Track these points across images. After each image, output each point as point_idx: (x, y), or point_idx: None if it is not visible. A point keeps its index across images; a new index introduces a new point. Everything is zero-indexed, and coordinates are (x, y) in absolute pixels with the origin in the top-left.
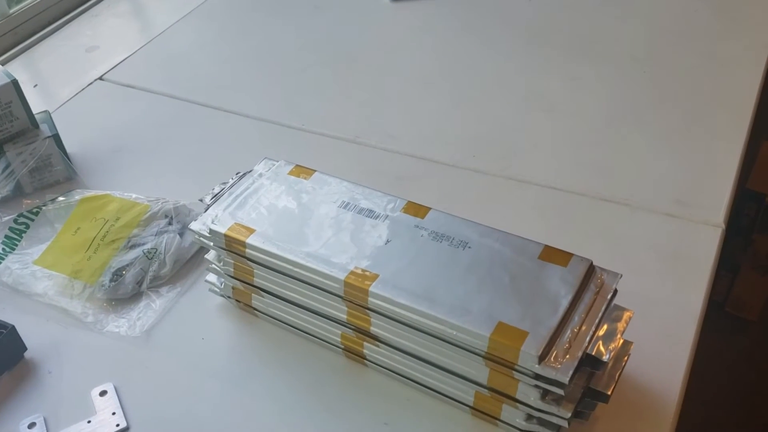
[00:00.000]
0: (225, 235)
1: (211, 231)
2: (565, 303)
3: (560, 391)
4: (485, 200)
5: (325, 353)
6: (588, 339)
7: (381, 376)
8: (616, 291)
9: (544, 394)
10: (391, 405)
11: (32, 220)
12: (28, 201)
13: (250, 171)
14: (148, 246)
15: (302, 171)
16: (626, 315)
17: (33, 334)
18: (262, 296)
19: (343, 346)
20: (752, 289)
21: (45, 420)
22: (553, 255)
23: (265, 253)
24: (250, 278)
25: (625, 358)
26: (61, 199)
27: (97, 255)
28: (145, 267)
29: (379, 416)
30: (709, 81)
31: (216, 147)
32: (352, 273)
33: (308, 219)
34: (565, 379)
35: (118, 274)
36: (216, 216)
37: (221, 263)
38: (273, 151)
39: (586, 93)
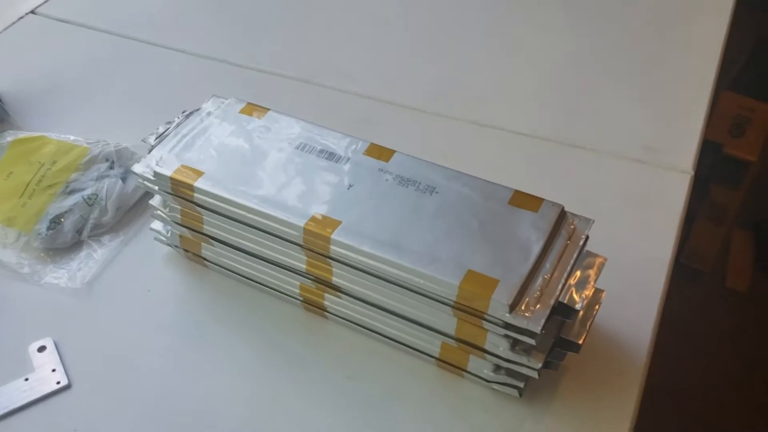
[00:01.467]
0: (171, 178)
1: (156, 174)
2: (536, 249)
3: (531, 341)
4: (448, 146)
5: (282, 305)
6: (560, 287)
7: (342, 328)
8: (587, 237)
9: (514, 344)
10: (354, 358)
11: None
12: None
13: (198, 110)
14: (88, 192)
15: (255, 109)
16: (598, 261)
17: None
18: (213, 245)
19: (301, 298)
20: (707, 239)
21: None
22: (523, 200)
23: (215, 198)
24: (199, 225)
25: (597, 306)
26: None
27: (32, 201)
28: (85, 214)
29: (341, 370)
30: (676, 26)
31: (160, 87)
32: (312, 219)
33: (262, 161)
34: (537, 329)
35: (56, 222)
36: (161, 157)
37: (167, 209)
38: (221, 91)
39: (553, 36)
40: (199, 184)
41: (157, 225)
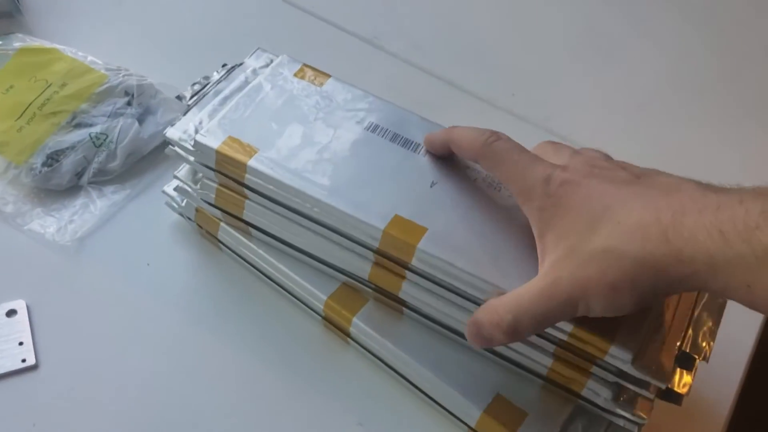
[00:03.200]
0: (217, 152)
1: (197, 143)
2: None
3: (649, 395)
4: None
5: (301, 317)
6: (683, 333)
7: (366, 361)
8: None
9: (619, 394)
10: (372, 401)
11: None
12: None
13: (240, 64)
14: (96, 129)
15: (312, 73)
16: (719, 303)
17: None
18: (232, 230)
19: (323, 314)
20: None
21: None
22: None
23: (274, 183)
24: (237, 210)
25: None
26: None
27: (30, 127)
28: (89, 155)
29: (353, 411)
30: None
31: (202, 18)
32: (393, 222)
33: (327, 140)
34: (664, 383)
35: (53, 158)
36: (200, 123)
37: (198, 185)
38: (268, 37)
39: (656, 47)
40: (254, 164)
41: (171, 189)
